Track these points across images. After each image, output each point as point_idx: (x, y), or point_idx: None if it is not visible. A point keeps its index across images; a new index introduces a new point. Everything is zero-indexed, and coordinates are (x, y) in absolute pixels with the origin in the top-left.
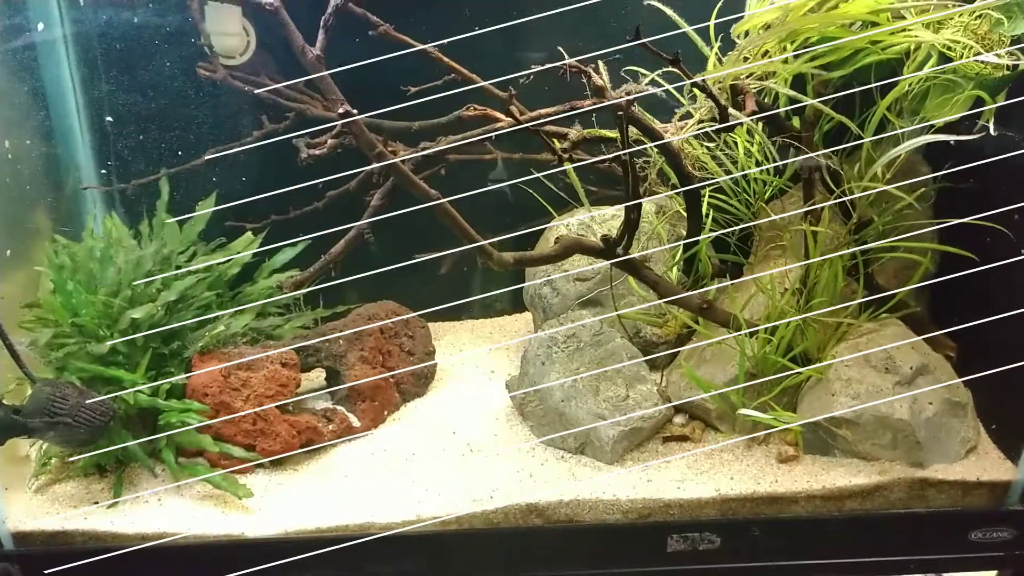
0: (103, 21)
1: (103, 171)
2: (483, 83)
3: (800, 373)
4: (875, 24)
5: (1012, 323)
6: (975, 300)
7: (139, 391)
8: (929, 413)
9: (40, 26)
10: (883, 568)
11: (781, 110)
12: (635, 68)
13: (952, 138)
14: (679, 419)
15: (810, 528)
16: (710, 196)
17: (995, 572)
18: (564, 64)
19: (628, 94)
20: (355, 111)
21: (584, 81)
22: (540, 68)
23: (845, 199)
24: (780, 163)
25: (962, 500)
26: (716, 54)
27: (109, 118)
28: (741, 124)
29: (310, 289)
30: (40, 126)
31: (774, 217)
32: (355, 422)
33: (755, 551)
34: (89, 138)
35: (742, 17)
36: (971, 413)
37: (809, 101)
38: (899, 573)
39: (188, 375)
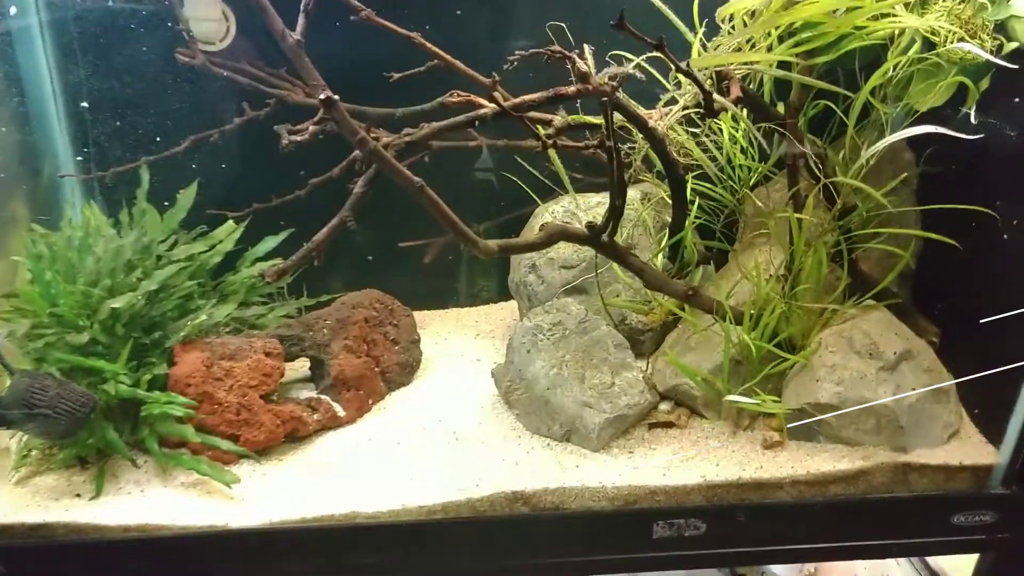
0: (79, 5)
1: (80, 158)
2: (470, 71)
3: (786, 359)
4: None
5: (994, 308)
6: (957, 285)
7: (120, 382)
8: (912, 399)
9: (13, 10)
10: (867, 552)
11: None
12: (620, 53)
13: (939, 130)
14: (665, 406)
15: (795, 513)
16: (694, 182)
17: (977, 555)
18: (548, 50)
19: (612, 78)
20: (336, 97)
21: (568, 67)
22: (524, 53)
23: (833, 187)
24: (775, 158)
25: (945, 484)
26: (701, 39)
27: (84, 104)
28: (726, 110)
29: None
30: (15, 112)
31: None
32: (340, 411)
33: (740, 536)
34: (66, 125)
35: (726, 2)
36: (954, 398)
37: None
38: (883, 557)
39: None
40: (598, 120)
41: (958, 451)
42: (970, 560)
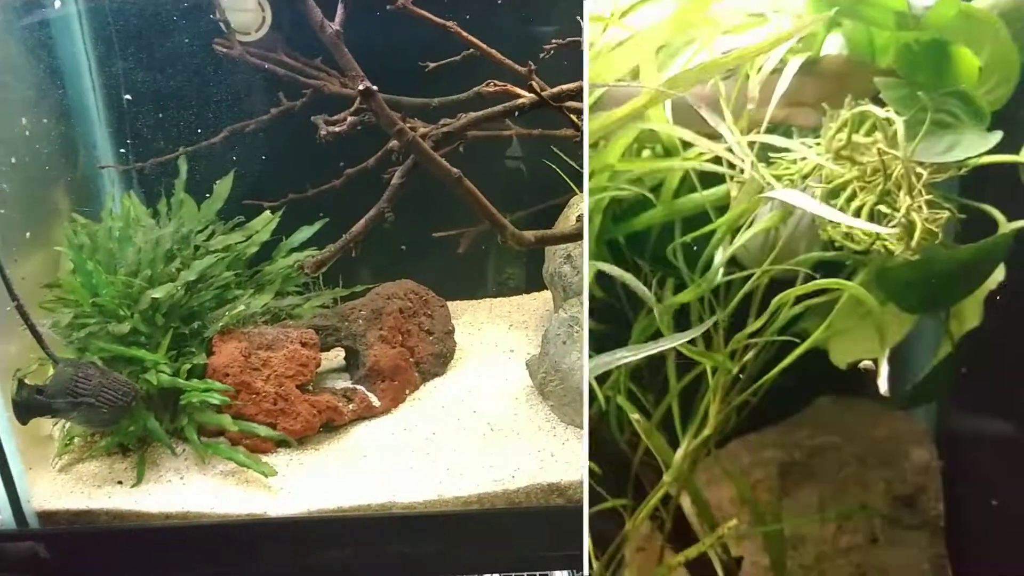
0: None
1: (122, 150)
2: (506, 60)
3: None
4: None
5: None
6: None
7: (161, 371)
8: None
9: (58, 3)
10: None
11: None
12: None
13: None
14: None
15: None
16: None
17: None
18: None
19: None
20: (375, 87)
21: None
22: (561, 42)
23: None
24: None
25: None
26: None
27: (128, 96)
28: None
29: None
30: (57, 105)
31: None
32: (375, 401)
33: None
34: (105, 116)
35: None
36: None
37: None
38: None
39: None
40: None
41: None
42: None
